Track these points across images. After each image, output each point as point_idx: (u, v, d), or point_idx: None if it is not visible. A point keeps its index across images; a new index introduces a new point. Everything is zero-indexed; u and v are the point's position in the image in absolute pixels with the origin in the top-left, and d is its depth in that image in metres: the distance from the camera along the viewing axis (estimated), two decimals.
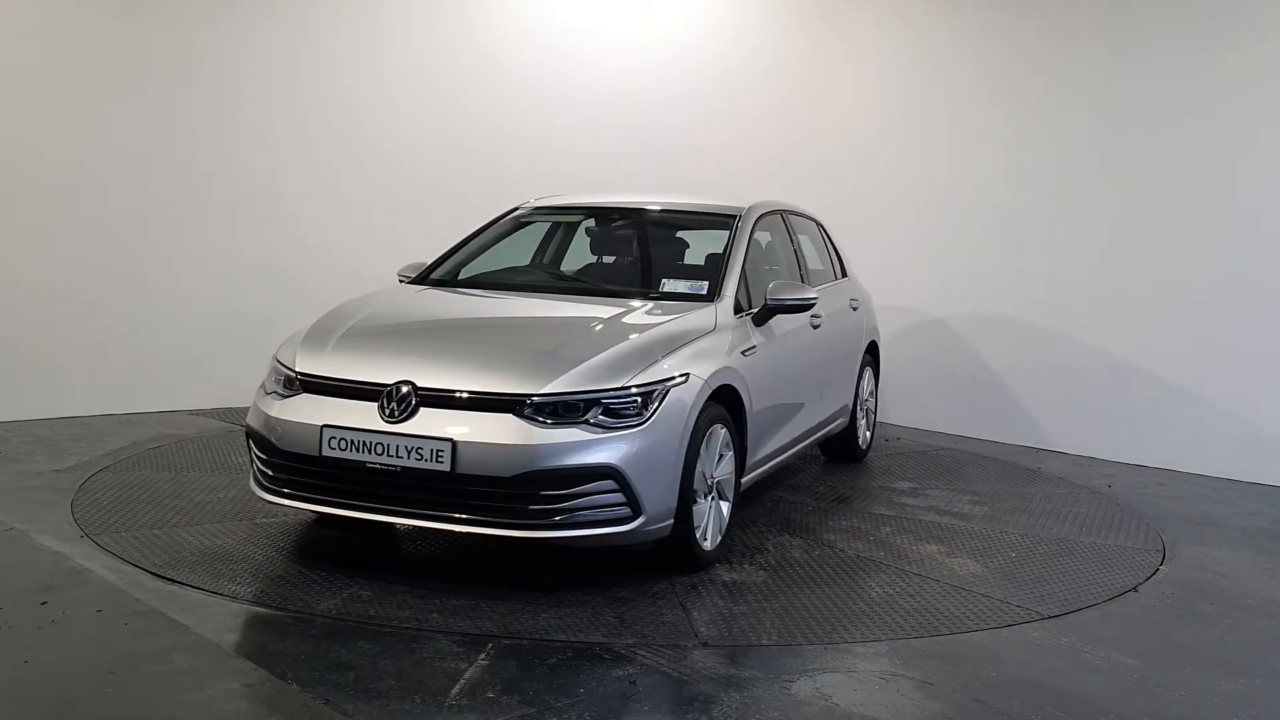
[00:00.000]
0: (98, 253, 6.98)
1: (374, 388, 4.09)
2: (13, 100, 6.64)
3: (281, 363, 4.44)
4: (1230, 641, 4.10)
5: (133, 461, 5.84)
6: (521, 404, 3.96)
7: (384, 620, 3.77)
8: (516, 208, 6.00)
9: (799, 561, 4.71)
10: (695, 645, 3.70)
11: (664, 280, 5.17)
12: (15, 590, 3.91)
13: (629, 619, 3.91)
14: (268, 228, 7.57)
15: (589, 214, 5.92)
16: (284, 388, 4.33)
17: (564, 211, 6.00)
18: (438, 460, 3.90)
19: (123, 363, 7.11)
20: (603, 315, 4.65)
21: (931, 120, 8.23)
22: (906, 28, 8.39)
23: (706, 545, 4.46)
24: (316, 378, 4.25)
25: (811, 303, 5.15)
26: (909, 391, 8.19)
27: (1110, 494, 6.34)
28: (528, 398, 3.96)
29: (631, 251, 5.75)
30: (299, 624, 3.72)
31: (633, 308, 4.79)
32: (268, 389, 4.41)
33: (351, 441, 4.01)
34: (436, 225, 6.81)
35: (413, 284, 5.45)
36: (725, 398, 4.53)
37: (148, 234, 7.18)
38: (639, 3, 8.72)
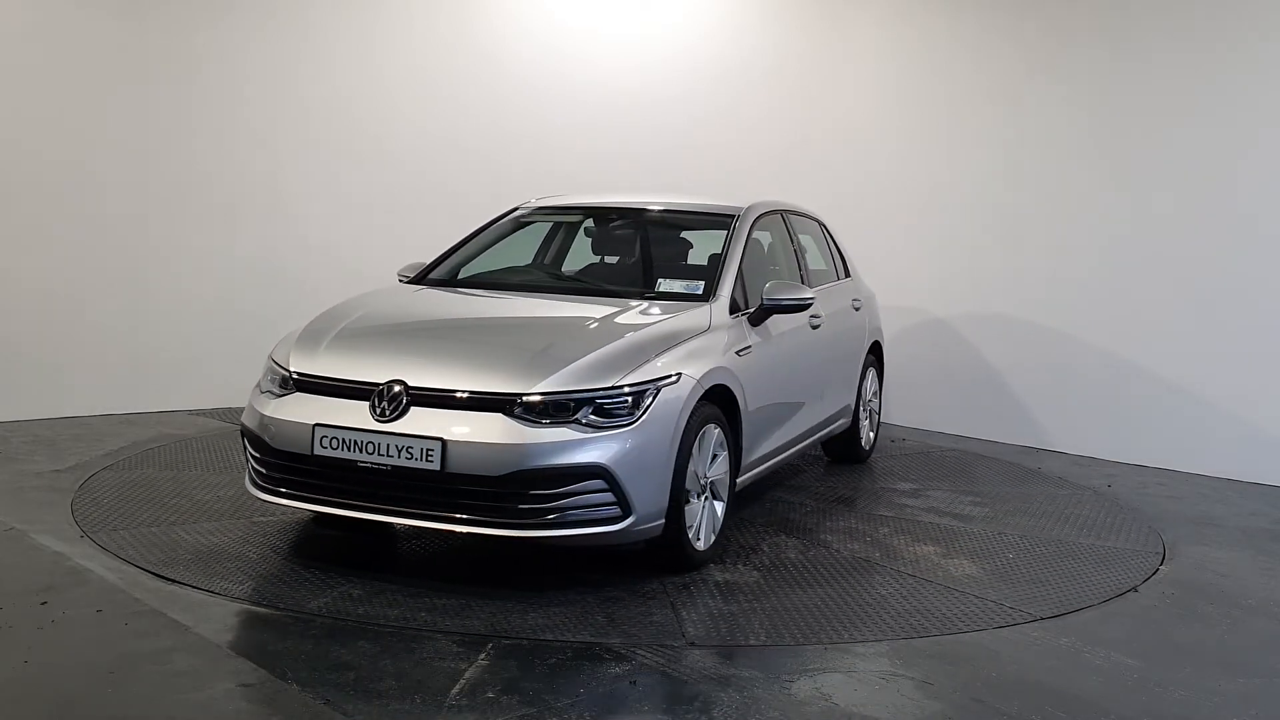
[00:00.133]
0: (98, 253, 6.99)
1: (366, 387, 4.10)
2: (13, 100, 6.64)
3: (276, 362, 4.46)
4: (1230, 641, 4.09)
5: (133, 461, 5.84)
6: (511, 403, 3.96)
7: (374, 619, 3.77)
8: (517, 208, 6.00)
9: (793, 562, 4.70)
10: (682, 645, 3.69)
11: (660, 280, 5.16)
12: (15, 590, 3.91)
13: (618, 618, 3.91)
14: (268, 228, 7.58)
15: (590, 214, 5.92)
16: (279, 387, 4.34)
17: (565, 211, 6.00)
18: (428, 459, 3.90)
19: (123, 363, 7.11)
20: (596, 315, 4.64)
21: (931, 120, 8.23)
22: (906, 28, 8.39)
23: (700, 545, 4.45)
24: (309, 377, 4.26)
25: (808, 303, 5.14)
26: (909, 391, 8.20)
27: (1110, 494, 6.34)
28: (518, 397, 3.97)
29: (632, 251, 5.73)
30: (299, 624, 3.72)
31: (627, 308, 4.78)
32: (263, 388, 4.42)
33: (343, 440, 4.01)
34: (436, 225, 6.80)
35: (411, 284, 5.45)
36: (719, 397, 4.53)
37: (148, 234, 7.18)
38: (639, 3, 8.72)
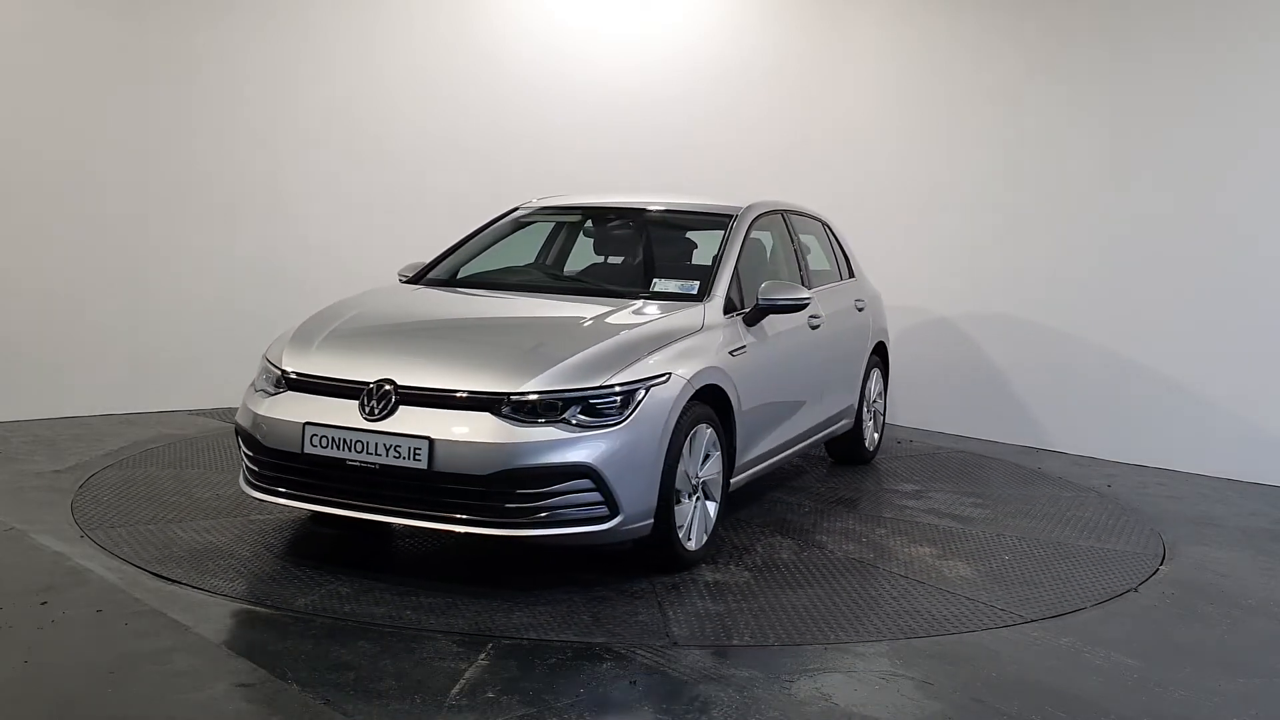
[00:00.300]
0: (98, 253, 6.99)
1: (356, 386, 4.11)
2: (13, 100, 6.64)
3: (270, 360, 4.47)
4: (1230, 641, 4.09)
5: (133, 461, 5.84)
6: (499, 402, 3.97)
7: (361, 617, 3.78)
8: (517, 207, 6.00)
9: (786, 563, 4.68)
10: (666, 645, 3.68)
11: (655, 280, 5.15)
12: (15, 590, 3.91)
13: (603, 617, 3.90)
14: (268, 228, 7.57)
15: (590, 214, 5.91)
16: (272, 386, 4.35)
17: (565, 211, 5.99)
18: (415, 458, 3.91)
19: (123, 363, 7.11)
20: (589, 315, 4.64)
21: (931, 120, 8.23)
22: (906, 28, 8.39)
23: (691, 545, 4.43)
24: (301, 376, 4.28)
25: (804, 303, 5.12)
26: (909, 391, 8.19)
27: (1111, 494, 6.34)
28: (506, 396, 3.97)
29: (634, 251, 5.72)
30: (299, 624, 3.72)
31: (621, 308, 4.77)
32: (257, 386, 4.44)
33: (332, 439, 4.02)
34: (436, 225, 6.80)
35: (409, 284, 5.45)
36: (712, 397, 4.52)
37: (148, 234, 7.18)
38: (639, 3, 8.72)
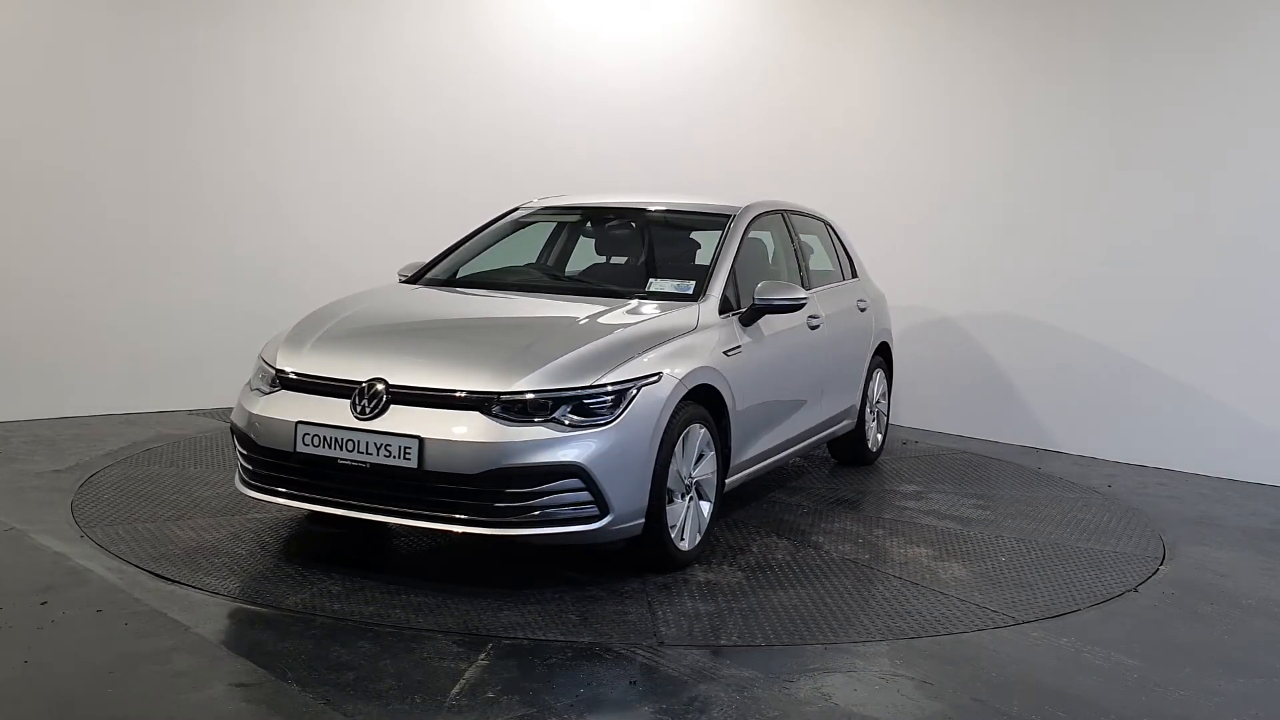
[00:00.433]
0: (98, 253, 6.98)
1: (348, 385, 4.12)
2: (13, 100, 6.64)
3: (264, 360, 4.49)
4: (1230, 641, 4.09)
5: (132, 461, 5.84)
6: (490, 402, 3.97)
7: (350, 615, 3.78)
8: (517, 207, 5.99)
9: (780, 563, 4.67)
10: (654, 644, 3.68)
11: (650, 280, 5.15)
12: (15, 590, 3.91)
13: (592, 617, 3.90)
14: (267, 228, 7.57)
15: (591, 214, 5.90)
16: (267, 385, 4.36)
17: (565, 211, 5.99)
18: (405, 457, 3.92)
19: (123, 363, 7.11)
20: (582, 314, 4.64)
21: (932, 120, 8.23)
22: (907, 27, 8.39)
23: (683, 545, 4.43)
24: (295, 375, 4.29)
25: (801, 303, 5.10)
26: (910, 391, 8.18)
27: (1111, 494, 6.34)
28: (496, 395, 3.98)
29: (636, 251, 5.71)
30: (299, 624, 3.72)
31: (615, 307, 4.76)
32: (252, 386, 4.45)
33: (324, 438, 4.04)
34: (436, 225, 6.80)
35: (408, 283, 5.45)
36: (705, 397, 4.51)
37: (147, 234, 7.17)
38: (639, 3, 8.72)
